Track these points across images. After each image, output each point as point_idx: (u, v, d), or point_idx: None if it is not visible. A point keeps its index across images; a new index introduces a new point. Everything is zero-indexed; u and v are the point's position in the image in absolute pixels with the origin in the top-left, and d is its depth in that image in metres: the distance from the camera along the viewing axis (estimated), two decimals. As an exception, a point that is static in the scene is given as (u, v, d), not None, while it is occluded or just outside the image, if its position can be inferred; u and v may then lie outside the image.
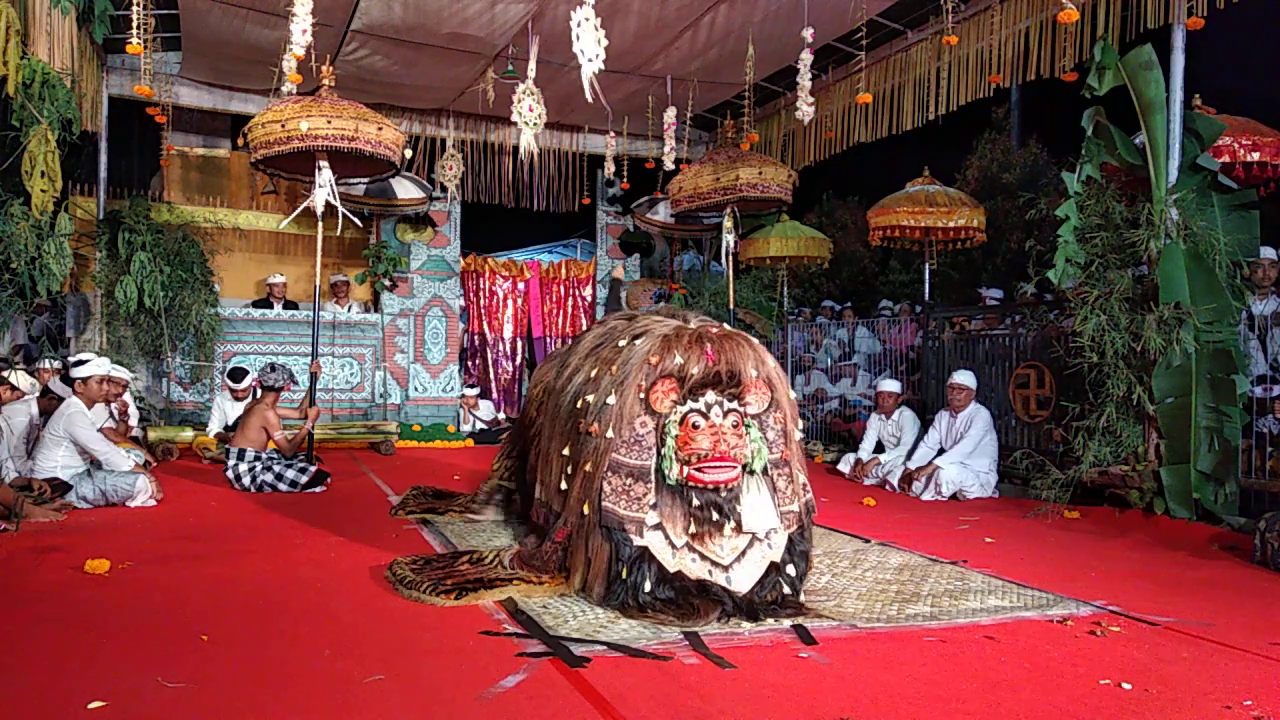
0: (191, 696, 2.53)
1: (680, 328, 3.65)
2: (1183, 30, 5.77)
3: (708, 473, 3.36)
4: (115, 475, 5.69)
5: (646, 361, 3.50)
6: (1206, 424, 5.39)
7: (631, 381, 3.49)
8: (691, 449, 3.37)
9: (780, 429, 3.58)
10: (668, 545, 3.41)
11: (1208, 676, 2.82)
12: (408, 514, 5.45)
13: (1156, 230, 5.60)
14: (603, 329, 4.22)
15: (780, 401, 3.59)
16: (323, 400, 9.55)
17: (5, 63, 5.69)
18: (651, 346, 3.55)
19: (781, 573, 3.47)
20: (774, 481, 3.54)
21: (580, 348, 4.17)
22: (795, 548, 3.54)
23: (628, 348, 3.68)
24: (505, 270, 12.01)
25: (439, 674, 2.74)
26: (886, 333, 9.88)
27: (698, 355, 3.47)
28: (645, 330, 3.75)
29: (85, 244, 9.14)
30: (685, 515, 3.42)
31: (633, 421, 3.45)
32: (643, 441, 3.45)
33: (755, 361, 3.54)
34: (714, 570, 3.39)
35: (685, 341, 3.52)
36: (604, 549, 3.43)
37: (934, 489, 6.66)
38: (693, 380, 3.45)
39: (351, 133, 6.61)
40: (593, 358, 3.90)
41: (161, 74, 9.41)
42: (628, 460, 3.44)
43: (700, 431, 3.38)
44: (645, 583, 3.37)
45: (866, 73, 8.06)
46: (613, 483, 3.42)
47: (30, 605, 3.44)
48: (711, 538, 3.41)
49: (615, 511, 3.40)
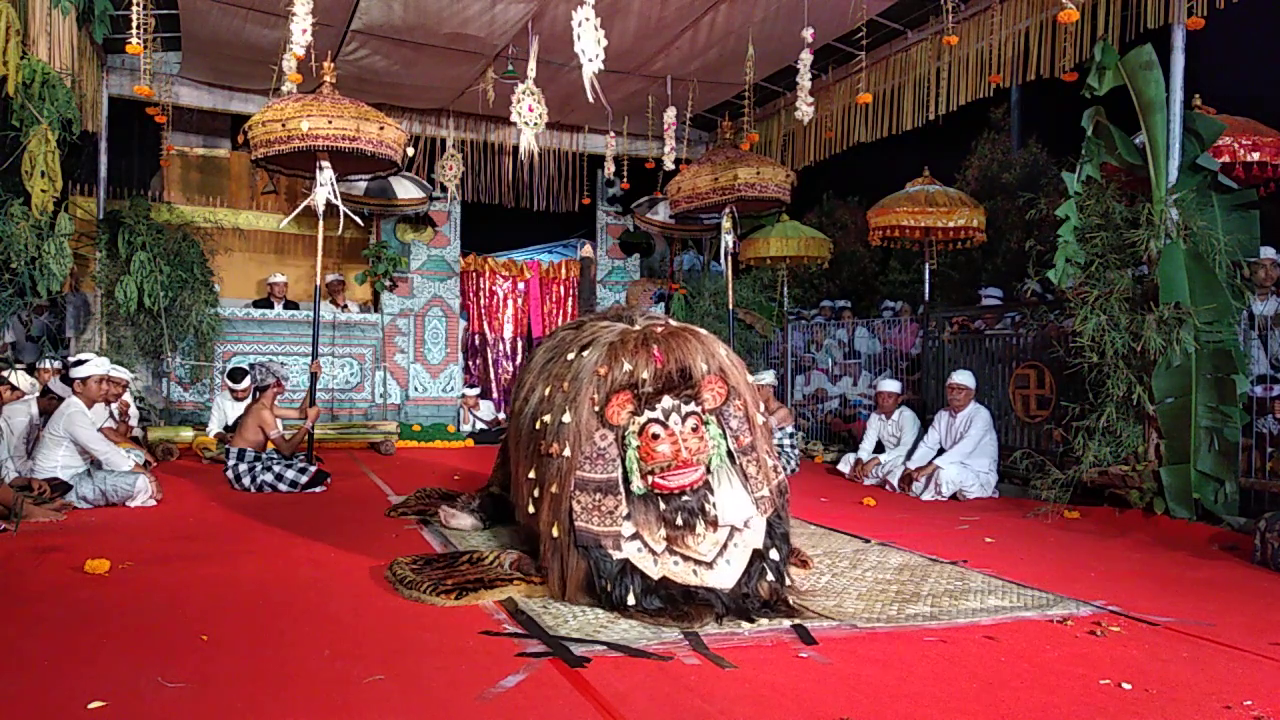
0: (191, 696, 2.53)
1: (625, 331, 3.60)
2: (1183, 30, 5.77)
3: (670, 478, 3.37)
4: (115, 475, 5.69)
5: (595, 373, 3.46)
6: (1206, 424, 5.39)
7: (584, 396, 3.45)
8: (654, 459, 3.37)
9: (742, 415, 3.56)
10: (648, 553, 3.37)
11: (1208, 676, 2.82)
12: (401, 514, 5.44)
13: (1156, 230, 5.60)
14: (552, 342, 4.16)
15: (738, 389, 3.57)
16: (323, 400, 9.54)
17: (5, 63, 5.69)
18: (599, 357, 3.51)
19: (765, 559, 3.45)
20: (744, 469, 3.52)
21: (534, 365, 4.11)
22: (775, 531, 3.53)
23: (576, 360, 3.63)
24: (505, 270, 12.01)
25: (439, 674, 2.74)
26: (885, 333, 9.88)
27: (645, 359, 3.44)
28: (592, 339, 3.68)
29: (85, 244, 9.14)
30: (659, 520, 3.39)
31: (592, 436, 3.41)
32: (605, 454, 3.41)
33: (705, 355, 3.52)
34: (699, 569, 3.36)
35: (631, 347, 3.48)
36: (581, 566, 3.39)
37: (934, 489, 6.66)
38: (645, 385, 3.43)
39: (353, 132, 6.60)
40: (545, 375, 3.84)
41: (161, 74, 9.41)
42: (593, 476, 3.39)
43: (661, 440, 3.38)
44: (629, 596, 3.32)
45: (866, 73, 8.06)
46: (582, 500, 3.38)
47: (30, 605, 3.44)
48: (690, 537, 3.38)
49: (589, 530, 3.36)
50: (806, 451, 9.10)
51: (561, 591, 3.48)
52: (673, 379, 3.46)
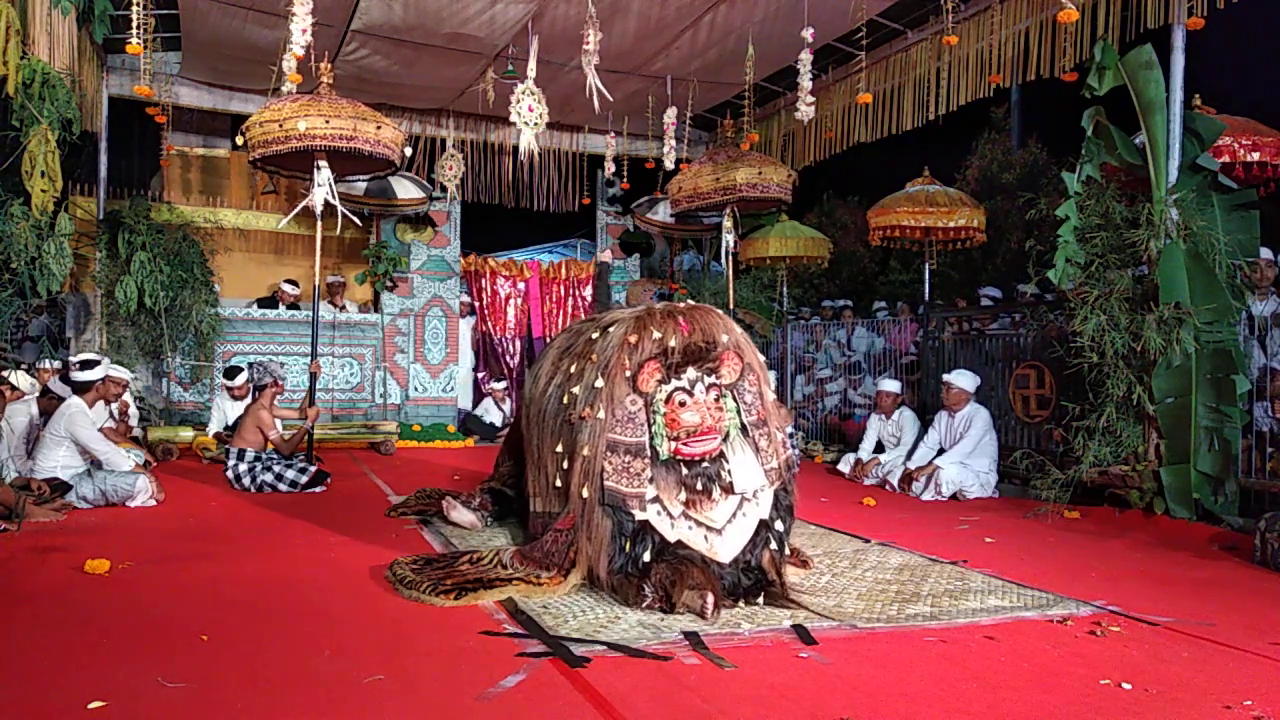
0: (191, 696, 2.53)
1: (650, 307, 3.82)
2: (1183, 30, 5.77)
3: (692, 445, 3.57)
4: (115, 475, 5.69)
5: (625, 342, 3.65)
6: (1206, 424, 5.39)
7: (615, 363, 3.63)
8: (680, 425, 3.56)
9: (756, 391, 3.78)
10: (665, 516, 3.56)
11: (1208, 676, 2.82)
12: (401, 514, 5.44)
13: (1156, 230, 5.60)
14: (567, 334, 4.37)
15: (752, 365, 3.79)
16: (323, 400, 9.54)
17: (5, 63, 5.69)
18: (628, 328, 3.70)
19: (770, 529, 3.68)
20: (756, 442, 3.72)
21: (550, 354, 4.29)
22: (780, 503, 3.73)
23: (602, 337, 3.82)
24: (505, 270, 12.00)
25: (439, 674, 2.74)
26: (888, 331, 9.87)
27: (673, 328, 3.64)
28: (615, 319, 3.89)
29: (85, 244, 9.13)
30: (678, 485, 3.58)
31: (623, 401, 3.59)
32: (635, 419, 3.59)
33: (725, 328, 3.74)
34: (709, 535, 3.55)
35: (659, 318, 3.69)
36: (605, 525, 3.53)
37: (934, 489, 6.66)
38: (674, 354, 3.61)
39: (350, 132, 6.60)
40: (568, 357, 4.03)
41: (161, 74, 9.41)
42: (624, 438, 3.56)
43: (687, 408, 3.59)
44: (646, 554, 3.51)
45: (866, 73, 8.06)
46: (613, 462, 3.54)
47: (30, 605, 3.44)
48: (704, 503, 3.58)
49: (618, 490, 3.53)
50: (806, 451, 9.10)
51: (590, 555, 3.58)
52: (698, 349, 3.66)
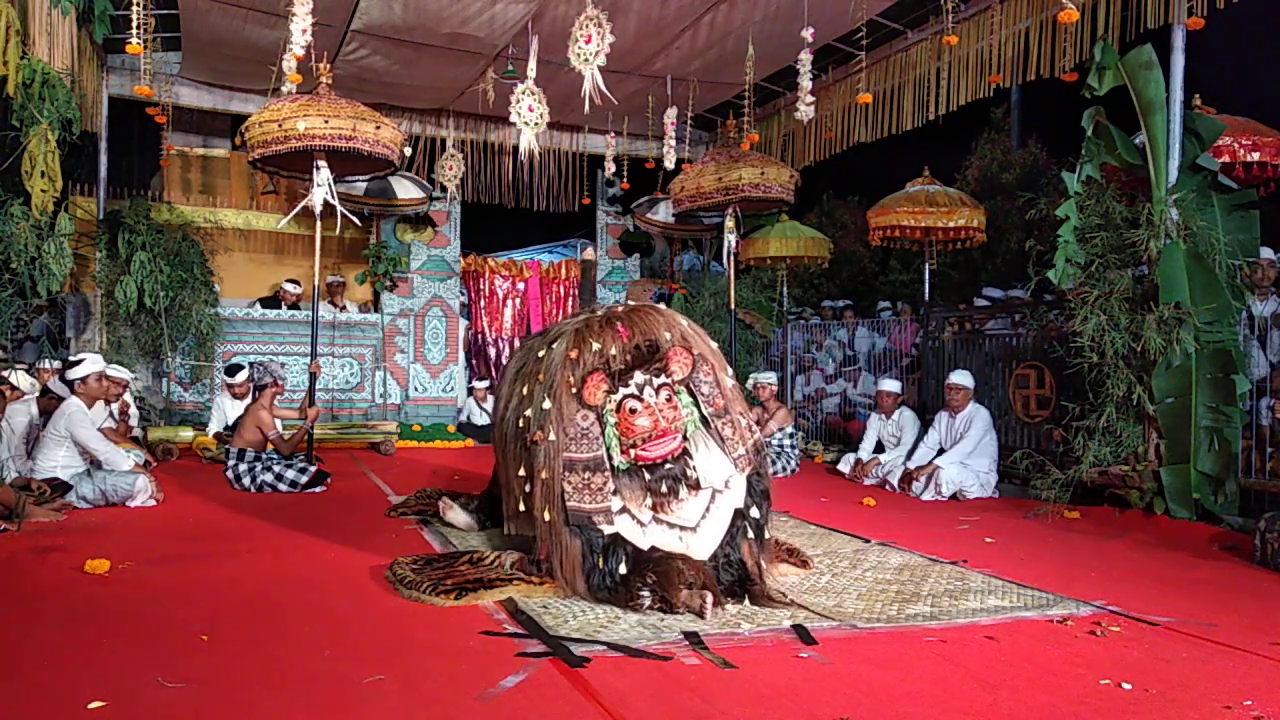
0: (191, 696, 2.53)
1: (589, 317, 3.79)
2: (1183, 30, 5.77)
3: (651, 449, 3.53)
4: (115, 475, 5.69)
5: (567, 359, 3.62)
6: (1206, 424, 5.39)
7: (560, 381, 3.60)
8: (634, 432, 3.53)
9: (712, 380, 3.73)
10: (635, 524, 3.53)
11: (1208, 676, 2.82)
12: (401, 514, 5.44)
13: (1156, 230, 5.60)
14: (522, 351, 4.32)
15: (704, 355, 3.74)
16: (323, 400, 9.54)
17: (5, 63, 5.70)
18: (568, 344, 3.67)
19: (746, 516, 3.63)
20: (719, 432, 3.68)
21: (507, 375, 4.25)
22: (755, 488, 3.70)
23: (547, 354, 3.78)
24: (505, 270, 12.00)
25: (439, 674, 2.74)
26: (890, 330, 9.87)
27: (611, 336, 3.62)
28: (559, 333, 3.86)
29: (85, 244, 9.13)
30: (643, 491, 3.55)
31: (574, 418, 3.56)
32: (589, 434, 3.56)
33: (666, 325, 3.70)
34: (684, 534, 3.53)
35: (596, 328, 3.67)
36: (574, 545, 3.50)
37: (934, 489, 6.66)
38: (616, 362, 3.59)
39: (349, 132, 6.60)
40: (520, 378, 3.98)
41: (161, 74, 9.41)
42: (580, 455, 3.53)
43: (638, 414, 3.55)
44: (621, 566, 3.48)
45: (866, 73, 8.06)
46: (572, 481, 3.51)
47: (30, 605, 3.44)
48: (671, 504, 3.55)
49: (581, 508, 3.49)
50: (806, 451, 9.10)
51: (560, 573, 3.55)
52: (641, 353, 3.63)
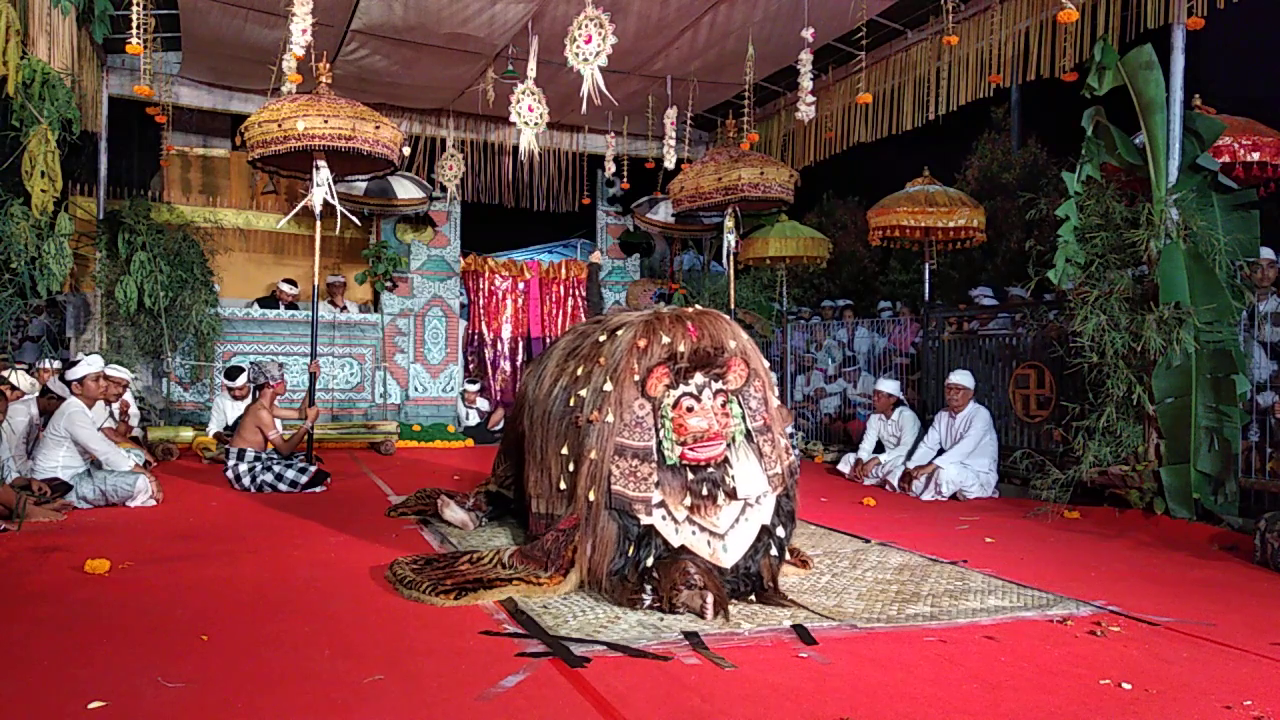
0: (191, 696, 2.53)
1: (658, 311, 3.81)
2: (1183, 30, 5.77)
3: (699, 450, 3.54)
4: (115, 475, 5.69)
5: (634, 346, 3.63)
6: (1206, 424, 5.39)
7: (624, 367, 3.62)
8: (687, 431, 3.54)
9: (761, 396, 3.76)
10: (670, 521, 3.55)
11: (1208, 676, 2.82)
12: (401, 514, 5.44)
13: (1156, 230, 5.60)
14: (573, 335, 4.36)
15: (757, 370, 3.78)
16: (323, 400, 9.55)
17: (5, 63, 5.69)
18: (636, 332, 3.69)
19: (771, 535, 3.68)
20: (760, 448, 3.71)
21: (554, 355, 4.28)
22: (782, 508, 3.73)
23: (609, 340, 3.81)
24: (505, 270, 12.00)
25: (439, 674, 2.74)
26: (890, 330, 9.86)
27: (682, 333, 3.64)
28: (623, 322, 3.88)
29: (85, 244, 9.14)
30: (683, 490, 3.57)
31: (631, 405, 3.58)
32: (643, 423, 3.58)
33: (732, 334, 3.74)
34: (712, 540, 3.55)
35: (667, 322, 3.68)
36: (610, 529, 3.53)
37: (934, 489, 6.66)
38: (682, 359, 3.61)
39: (349, 132, 6.60)
40: (575, 358, 4.01)
41: (161, 74, 9.40)
42: (632, 442, 3.55)
43: (695, 414, 3.56)
44: (650, 558, 3.51)
45: (866, 73, 8.06)
46: (620, 466, 3.53)
47: (30, 605, 3.44)
48: (708, 509, 3.57)
49: (625, 494, 3.52)
50: (806, 451, 9.10)
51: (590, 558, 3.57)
52: (706, 355, 3.65)
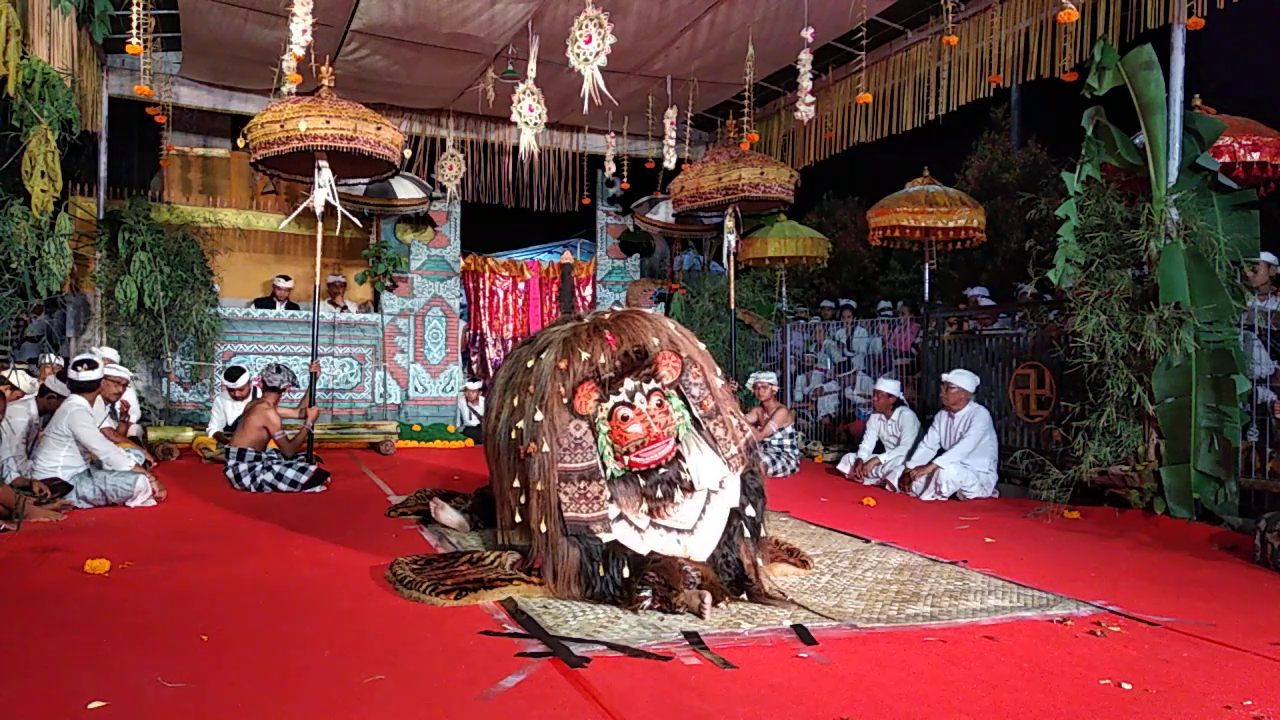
0: (191, 696, 2.53)
1: (576, 325, 3.80)
2: (1183, 30, 5.77)
3: (645, 455, 3.55)
4: (115, 475, 5.69)
5: (557, 369, 3.62)
6: (1206, 424, 5.39)
7: (550, 393, 3.59)
8: (627, 439, 3.54)
9: (702, 382, 3.74)
10: (633, 530, 3.54)
11: (1208, 676, 2.82)
12: (401, 514, 5.44)
13: (1156, 230, 5.60)
14: (510, 361, 4.27)
15: (692, 357, 3.75)
16: (323, 400, 9.54)
17: (5, 63, 5.69)
18: (556, 354, 3.67)
19: (742, 515, 3.66)
20: (711, 433, 3.69)
21: (496, 386, 4.20)
22: (749, 486, 3.71)
23: (536, 365, 3.77)
24: (505, 270, 12.00)
25: (439, 674, 2.74)
26: (889, 331, 9.86)
27: (600, 344, 3.63)
28: (547, 342, 3.85)
29: (85, 244, 9.13)
30: (639, 496, 3.56)
31: (566, 428, 3.55)
32: (583, 444, 3.56)
33: (654, 330, 3.71)
34: (681, 537, 3.54)
35: (584, 337, 3.68)
36: (572, 555, 3.50)
37: (934, 489, 6.66)
38: (605, 370, 3.59)
39: (350, 133, 6.61)
40: (510, 389, 3.94)
41: (161, 74, 9.40)
42: (575, 465, 3.54)
43: (630, 420, 3.57)
44: (623, 571, 3.48)
45: (866, 73, 8.05)
46: (568, 491, 3.51)
47: (30, 605, 3.44)
48: (668, 508, 3.56)
49: (579, 519, 3.50)
50: (806, 451, 9.10)
51: (554, 584, 3.55)
52: (630, 360, 3.64)
